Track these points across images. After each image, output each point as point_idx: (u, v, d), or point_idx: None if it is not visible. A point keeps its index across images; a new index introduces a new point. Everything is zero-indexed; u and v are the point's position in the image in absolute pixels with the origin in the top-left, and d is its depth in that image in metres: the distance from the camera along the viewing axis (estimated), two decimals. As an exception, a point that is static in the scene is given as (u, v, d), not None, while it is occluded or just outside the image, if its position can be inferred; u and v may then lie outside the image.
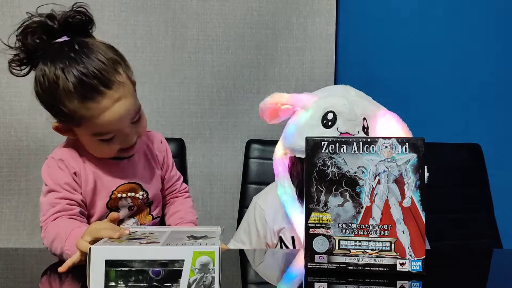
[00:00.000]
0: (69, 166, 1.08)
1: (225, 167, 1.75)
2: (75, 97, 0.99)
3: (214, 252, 0.75)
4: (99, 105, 1.00)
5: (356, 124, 1.13)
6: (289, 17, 1.75)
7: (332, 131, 1.12)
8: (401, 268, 0.87)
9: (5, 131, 1.67)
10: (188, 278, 0.74)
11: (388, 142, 0.87)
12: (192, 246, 0.76)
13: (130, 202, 1.16)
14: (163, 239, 0.81)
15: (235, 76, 1.75)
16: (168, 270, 0.75)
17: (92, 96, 0.99)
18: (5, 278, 0.92)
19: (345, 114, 1.13)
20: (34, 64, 1.06)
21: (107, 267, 0.74)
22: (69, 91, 0.99)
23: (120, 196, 1.14)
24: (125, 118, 1.04)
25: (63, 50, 1.02)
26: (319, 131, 1.13)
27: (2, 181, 1.67)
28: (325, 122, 1.13)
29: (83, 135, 1.07)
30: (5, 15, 1.66)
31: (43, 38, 1.05)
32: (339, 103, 1.14)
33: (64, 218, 1.04)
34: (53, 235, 1.00)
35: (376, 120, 1.16)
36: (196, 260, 0.75)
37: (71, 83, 0.99)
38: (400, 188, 0.87)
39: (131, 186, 1.15)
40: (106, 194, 1.12)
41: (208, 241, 0.79)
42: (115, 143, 1.07)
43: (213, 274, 0.74)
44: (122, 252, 0.75)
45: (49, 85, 1.01)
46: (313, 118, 1.15)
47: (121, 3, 1.69)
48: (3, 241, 1.66)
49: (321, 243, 0.88)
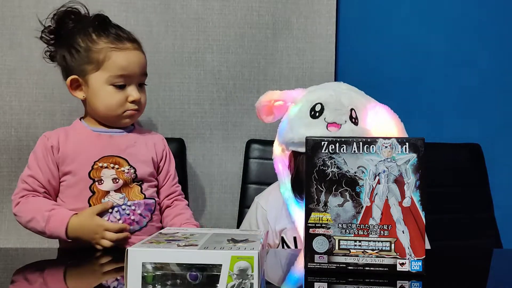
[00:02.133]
0: (49, 140, 1.25)
1: (225, 167, 1.75)
2: (104, 36, 1.26)
3: (253, 258, 0.72)
4: (123, 45, 1.27)
5: (342, 113, 1.14)
6: (289, 17, 1.75)
7: (319, 121, 1.15)
8: (401, 268, 0.87)
9: (5, 131, 1.67)
10: (226, 283, 0.71)
11: (388, 142, 0.87)
12: (230, 250, 0.73)
13: (114, 174, 1.22)
14: (202, 242, 0.78)
15: (235, 76, 1.75)
16: (206, 274, 0.72)
17: (119, 36, 1.28)
18: (5, 278, 0.92)
19: (332, 104, 1.15)
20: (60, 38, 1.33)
21: (144, 269, 0.72)
22: (101, 33, 1.27)
23: (101, 166, 1.23)
24: (138, 67, 1.29)
25: (95, 18, 1.32)
26: (307, 122, 1.15)
27: (2, 181, 1.67)
28: (313, 113, 1.16)
29: (95, 85, 1.26)
30: (5, 15, 1.66)
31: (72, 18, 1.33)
32: (326, 94, 1.17)
33: (30, 197, 1.21)
34: (29, 216, 1.18)
35: (367, 112, 1.17)
36: (234, 265, 0.71)
37: (105, 28, 1.28)
38: (400, 188, 0.87)
39: (116, 160, 1.25)
40: (88, 164, 1.23)
41: (247, 245, 0.76)
42: (124, 96, 1.27)
43: (252, 280, 0.71)
44: (158, 254, 0.73)
45: (84, 34, 1.28)
46: (301, 111, 1.17)
47: (121, 3, 1.69)
48: (3, 241, 1.66)
49: (321, 243, 0.88)
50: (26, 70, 1.67)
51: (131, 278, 0.72)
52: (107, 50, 1.25)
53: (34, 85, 1.67)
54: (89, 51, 1.26)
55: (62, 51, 1.30)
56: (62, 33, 1.32)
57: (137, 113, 1.32)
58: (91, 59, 1.26)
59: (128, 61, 1.27)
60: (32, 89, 1.68)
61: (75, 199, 1.22)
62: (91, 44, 1.26)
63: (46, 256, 1.17)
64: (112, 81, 1.26)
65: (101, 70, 1.26)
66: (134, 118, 1.33)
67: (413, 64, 1.82)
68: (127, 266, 0.72)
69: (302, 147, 1.06)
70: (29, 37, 1.66)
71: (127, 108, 1.28)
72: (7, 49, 1.67)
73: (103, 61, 1.25)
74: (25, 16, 1.66)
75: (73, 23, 1.31)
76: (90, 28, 1.28)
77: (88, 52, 1.26)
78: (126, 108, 1.28)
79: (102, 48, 1.26)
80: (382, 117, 1.18)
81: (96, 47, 1.26)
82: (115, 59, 1.25)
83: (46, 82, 1.67)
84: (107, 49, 1.25)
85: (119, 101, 1.27)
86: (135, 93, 1.28)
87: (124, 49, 1.27)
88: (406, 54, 1.82)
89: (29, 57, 1.67)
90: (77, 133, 1.29)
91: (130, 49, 1.28)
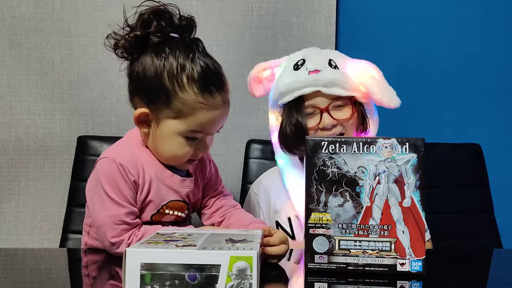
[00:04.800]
0: (128, 174, 1.05)
1: (225, 167, 1.75)
2: (195, 86, 1.02)
3: (251, 258, 0.71)
4: (213, 100, 1.03)
5: (322, 60, 1.23)
6: (289, 17, 1.75)
7: (301, 70, 1.23)
8: (401, 268, 0.87)
9: (5, 131, 1.67)
10: (224, 284, 0.71)
11: (388, 142, 0.87)
12: (228, 250, 0.73)
13: (173, 219, 1.13)
14: (200, 242, 0.78)
15: (235, 76, 1.74)
16: (205, 275, 0.72)
17: (212, 90, 1.03)
18: (5, 278, 0.92)
19: (312, 55, 1.25)
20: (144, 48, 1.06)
21: (142, 270, 0.72)
22: (193, 78, 1.02)
23: (167, 212, 1.11)
24: (220, 123, 1.08)
25: (187, 43, 1.06)
26: (290, 73, 1.24)
27: (2, 181, 1.67)
28: (296, 67, 1.25)
29: (167, 131, 1.05)
30: (5, 15, 1.66)
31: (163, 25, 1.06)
32: (308, 51, 1.28)
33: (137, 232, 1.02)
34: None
35: (346, 63, 1.26)
36: (233, 265, 0.71)
37: (197, 72, 1.02)
38: (400, 188, 0.87)
39: (180, 204, 1.13)
40: (155, 207, 1.09)
41: (246, 245, 0.76)
42: (194, 147, 1.07)
43: (251, 281, 0.71)
44: (157, 255, 0.73)
45: (170, 70, 1.02)
46: (286, 68, 1.27)
47: (121, 3, 1.69)
48: (3, 241, 1.66)
49: (321, 243, 0.88)
50: (26, 70, 1.67)
51: (129, 279, 0.72)
52: (195, 104, 1.02)
53: (34, 85, 1.67)
54: (173, 96, 1.02)
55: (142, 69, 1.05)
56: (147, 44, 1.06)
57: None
58: (173, 105, 1.03)
59: (214, 120, 1.05)
60: (32, 89, 1.67)
61: None
62: (178, 88, 1.02)
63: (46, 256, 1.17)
64: (188, 134, 1.05)
65: (179, 120, 1.04)
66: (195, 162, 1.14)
67: (413, 64, 1.82)
68: (125, 267, 0.72)
69: (287, 95, 1.23)
70: (29, 37, 1.66)
71: (193, 157, 1.09)
72: (7, 49, 1.67)
73: (186, 114, 1.03)
74: (25, 16, 1.67)
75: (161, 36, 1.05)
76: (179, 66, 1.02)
77: (171, 96, 1.02)
78: (191, 157, 1.09)
79: (189, 100, 1.02)
80: (362, 66, 1.26)
81: (183, 96, 1.02)
82: (201, 117, 1.03)
83: (46, 82, 1.67)
84: (195, 103, 1.02)
85: (187, 153, 1.07)
86: (206, 147, 1.09)
87: (214, 108, 1.04)
88: (406, 54, 1.82)
89: (29, 57, 1.67)
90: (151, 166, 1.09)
91: (219, 106, 1.05)
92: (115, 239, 1.00)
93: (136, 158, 1.08)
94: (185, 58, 1.03)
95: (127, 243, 1.00)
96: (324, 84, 1.20)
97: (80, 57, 1.69)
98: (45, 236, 1.67)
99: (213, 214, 1.20)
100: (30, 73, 1.67)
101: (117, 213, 1.01)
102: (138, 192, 1.06)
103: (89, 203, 1.08)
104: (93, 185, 1.06)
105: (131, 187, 1.05)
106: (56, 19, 1.67)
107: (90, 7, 1.68)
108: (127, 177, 1.04)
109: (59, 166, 1.68)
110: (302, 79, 1.20)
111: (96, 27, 1.68)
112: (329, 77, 1.20)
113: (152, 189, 1.08)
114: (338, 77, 1.20)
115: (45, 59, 1.67)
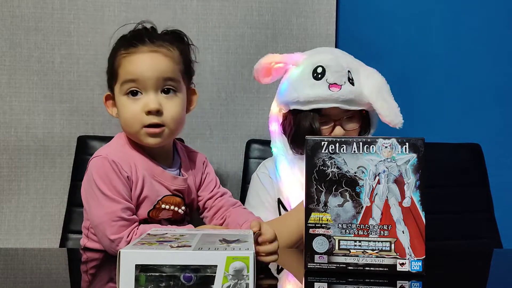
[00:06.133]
0: (121, 170, 1.06)
1: (225, 167, 1.75)
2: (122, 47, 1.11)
3: (248, 258, 0.71)
4: (136, 49, 1.10)
5: (342, 75, 1.25)
6: (289, 17, 1.75)
7: (322, 82, 1.24)
8: (401, 268, 0.87)
9: (5, 131, 1.67)
10: (221, 284, 0.71)
11: (388, 142, 0.87)
12: (225, 251, 0.72)
13: (170, 215, 1.13)
14: (195, 243, 0.77)
15: (235, 76, 1.75)
16: (200, 275, 0.71)
17: (134, 43, 1.10)
18: (5, 278, 0.92)
19: (333, 67, 1.25)
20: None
21: (137, 271, 0.71)
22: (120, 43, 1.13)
23: (164, 207, 1.11)
24: (151, 70, 1.08)
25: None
26: (310, 83, 1.25)
27: (2, 181, 1.67)
28: (316, 75, 1.25)
29: (116, 98, 1.11)
30: (5, 15, 1.66)
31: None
32: (326, 57, 1.28)
33: (136, 230, 1.03)
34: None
35: (359, 73, 1.29)
36: (230, 265, 0.71)
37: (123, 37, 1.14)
38: (400, 188, 0.87)
39: (176, 200, 1.14)
40: (151, 203, 1.10)
41: (241, 246, 0.76)
42: (139, 102, 1.08)
43: (247, 281, 0.71)
44: (152, 256, 0.72)
45: (112, 51, 1.14)
46: (304, 73, 1.27)
47: (121, 3, 1.69)
48: (3, 241, 1.66)
49: (321, 243, 0.88)
50: (26, 70, 1.67)
51: (123, 280, 0.71)
52: (120, 58, 1.11)
53: (34, 85, 1.67)
54: (111, 63, 1.14)
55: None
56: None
57: (163, 131, 1.09)
58: (111, 70, 1.14)
59: (137, 64, 1.08)
60: (32, 89, 1.67)
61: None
62: (112, 56, 1.14)
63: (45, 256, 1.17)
64: (124, 88, 1.09)
65: (118, 81, 1.11)
66: (162, 138, 1.10)
67: (413, 64, 1.82)
68: (119, 268, 0.71)
69: (305, 105, 1.25)
70: (29, 37, 1.66)
71: (145, 122, 1.07)
72: (7, 49, 1.66)
73: (117, 70, 1.11)
74: (25, 16, 1.67)
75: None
76: (116, 44, 1.15)
77: (112, 70, 1.13)
78: (144, 122, 1.07)
79: (116, 57, 1.12)
80: (373, 81, 1.29)
81: (114, 57, 1.13)
82: (127, 65, 1.09)
83: (46, 82, 1.67)
84: (120, 57, 1.11)
85: (133, 113, 1.08)
86: (151, 101, 1.07)
87: (136, 53, 1.09)
88: (406, 54, 1.82)
89: (29, 57, 1.67)
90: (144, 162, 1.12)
91: (143, 51, 1.09)
92: (114, 236, 1.01)
93: (128, 156, 1.10)
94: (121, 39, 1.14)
95: (126, 241, 1.00)
96: (343, 101, 1.25)
97: (80, 57, 1.69)
98: (45, 236, 1.67)
99: (214, 216, 1.20)
100: (30, 73, 1.67)
101: (113, 209, 1.02)
102: (132, 189, 1.08)
103: (85, 205, 1.09)
104: (87, 185, 1.08)
105: (125, 183, 1.06)
106: (56, 19, 1.67)
107: (90, 7, 1.68)
108: (121, 174, 1.06)
109: (59, 166, 1.68)
110: (323, 95, 1.23)
111: (96, 27, 1.68)
112: (349, 96, 1.24)
113: (146, 185, 1.09)
114: (357, 95, 1.25)
115: (45, 59, 1.67)
